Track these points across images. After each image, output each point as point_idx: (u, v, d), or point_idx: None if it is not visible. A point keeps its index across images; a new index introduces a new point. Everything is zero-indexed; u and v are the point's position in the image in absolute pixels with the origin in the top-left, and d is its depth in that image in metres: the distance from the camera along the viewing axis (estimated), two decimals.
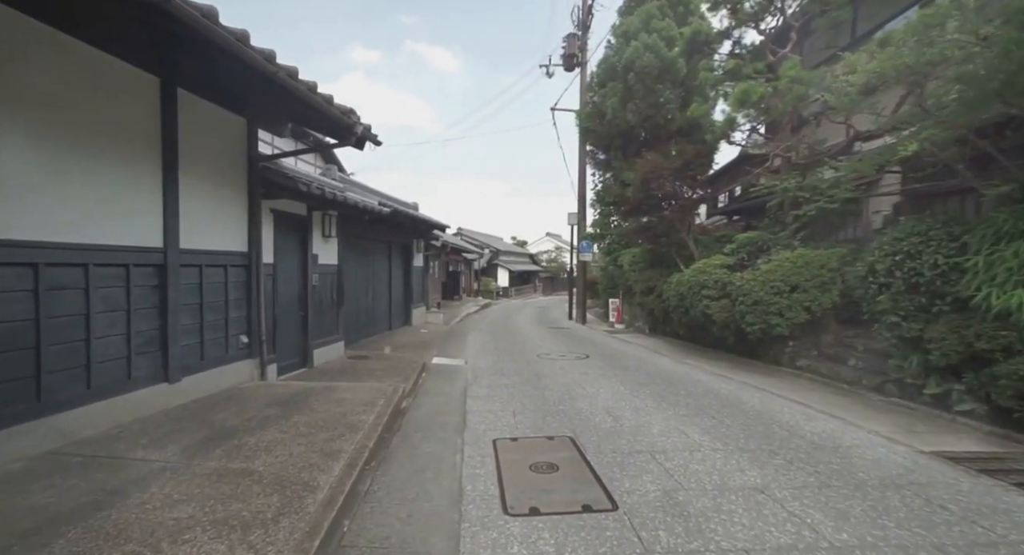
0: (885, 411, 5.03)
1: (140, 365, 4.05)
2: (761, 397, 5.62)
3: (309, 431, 3.88)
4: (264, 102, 5.21)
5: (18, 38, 3.15)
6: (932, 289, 4.67)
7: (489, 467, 3.53)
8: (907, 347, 5.01)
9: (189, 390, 4.55)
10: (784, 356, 7.58)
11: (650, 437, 4.20)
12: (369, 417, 4.31)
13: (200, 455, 3.30)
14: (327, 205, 6.90)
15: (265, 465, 3.18)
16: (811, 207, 7.70)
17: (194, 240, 4.66)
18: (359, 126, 5.31)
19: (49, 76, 3.34)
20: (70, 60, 3.49)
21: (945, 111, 4.34)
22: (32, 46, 3.24)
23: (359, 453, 3.46)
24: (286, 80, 4.01)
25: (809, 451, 3.84)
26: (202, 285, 4.80)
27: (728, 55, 9.27)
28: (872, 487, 3.16)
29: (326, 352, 7.34)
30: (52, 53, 3.36)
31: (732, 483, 3.24)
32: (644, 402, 5.39)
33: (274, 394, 4.99)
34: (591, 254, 16.92)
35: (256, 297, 5.54)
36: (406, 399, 5.47)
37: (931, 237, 4.72)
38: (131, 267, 3.94)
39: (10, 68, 3.10)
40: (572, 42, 17.25)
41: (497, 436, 4.22)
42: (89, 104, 3.63)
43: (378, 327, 10.85)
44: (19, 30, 3.15)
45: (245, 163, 5.47)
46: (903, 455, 3.74)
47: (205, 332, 4.84)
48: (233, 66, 3.80)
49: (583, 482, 3.28)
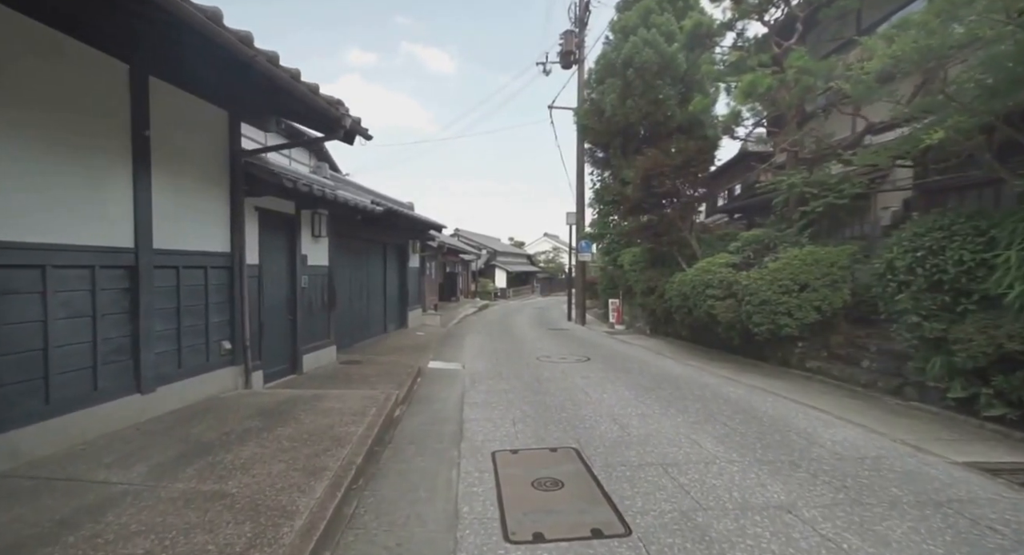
0: (906, 416, 4.76)
1: (108, 375, 3.73)
2: (773, 402, 5.34)
3: (292, 445, 3.58)
4: (246, 93, 4.90)
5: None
6: (957, 287, 4.40)
7: (488, 484, 3.23)
8: (929, 348, 4.74)
9: (165, 401, 4.23)
10: (793, 357, 7.31)
11: (660, 447, 3.91)
12: (359, 429, 4.01)
13: (169, 475, 2.99)
14: (316, 203, 6.59)
15: (240, 486, 2.87)
16: (819, 203, 7.44)
17: (170, 240, 4.35)
18: (347, 118, 5.01)
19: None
20: (25, 42, 3.18)
21: (971, 97, 4.08)
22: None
23: (345, 470, 3.16)
24: (265, 65, 3.71)
25: (833, 462, 3.56)
26: (179, 288, 4.49)
27: (731, 48, 9.00)
28: (909, 505, 2.88)
29: (317, 357, 7.02)
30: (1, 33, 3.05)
31: (755, 501, 2.95)
32: (651, 408, 5.11)
33: (258, 404, 4.67)
34: (590, 254, 16.64)
35: (240, 300, 5.23)
36: (400, 407, 5.16)
37: (955, 232, 4.44)
38: (97, 269, 3.62)
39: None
40: (569, 39, 16.97)
41: (496, 448, 3.93)
42: (47, 90, 3.32)
43: (372, 330, 10.54)
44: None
45: (227, 158, 5.16)
46: (936, 467, 3.46)
47: (183, 338, 4.52)
48: (207, 50, 3.50)
49: (591, 501, 2.98)
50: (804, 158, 7.78)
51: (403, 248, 12.57)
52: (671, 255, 10.67)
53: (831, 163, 7.88)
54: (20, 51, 3.16)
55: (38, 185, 3.25)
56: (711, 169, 12.41)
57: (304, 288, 6.77)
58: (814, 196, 7.52)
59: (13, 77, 3.11)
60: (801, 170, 7.68)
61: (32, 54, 3.23)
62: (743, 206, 13.07)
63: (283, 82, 3.97)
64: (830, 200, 7.31)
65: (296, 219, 6.56)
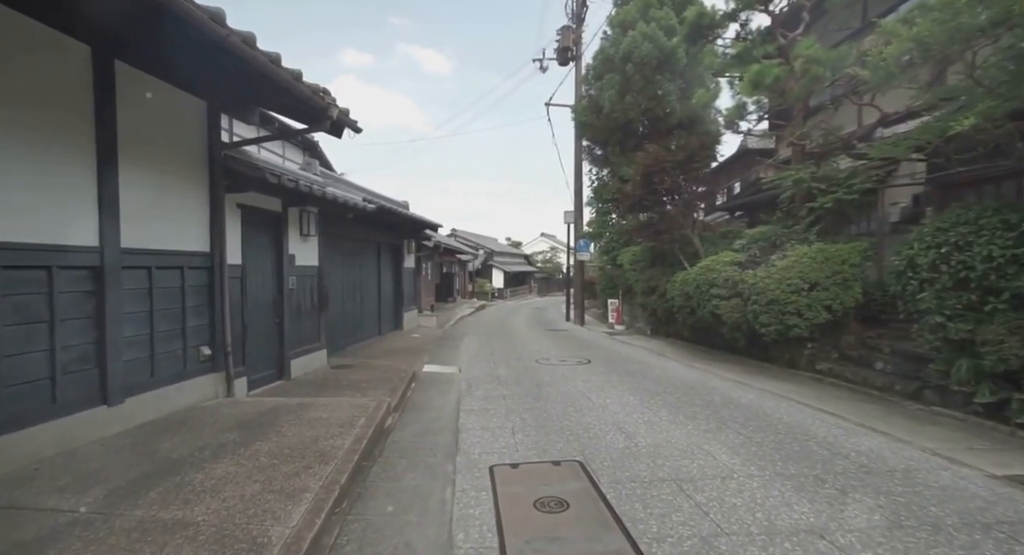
0: (930, 423, 4.48)
1: (69, 386, 3.40)
2: (787, 407, 5.06)
3: (271, 462, 3.26)
4: (225, 81, 4.57)
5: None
6: (985, 285, 4.12)
7: (486, 505, 2.93)
8: (953, 350, 4.46)
9: (135, 413, 3.91)
10: (801, 359, 7.04)
11: (672, 460, 3.61)
12: (345, 442, 3.70)
13: (128, 500, 2.67)
14: (304, 200, 6.27)
15: (207, 513, 2.55)
16: (827, 199, 7.16)
17: (141, 238, 4.03)
18: (334, 108, 4.68)
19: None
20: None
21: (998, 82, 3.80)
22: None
23: (327, 491, 2.85)
24: (239, 46, 3.39)
25: (861, 477, 3.27)
26: (152, 290, 4.16)
27: (733, 40, 8.72)
28: (954, 528, 2.59)
29: (306, 362, 6.70)
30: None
31: (782, 523, 2.66)
32: (658, 415, 4.82)
33: (238, 414, 4.35)
34: (588, 253, 16.35)
35: (220, 303, 4.91)
36: (392, 415, 4.85)
37: (982, 226, 4.17)
38: (55, 269, 3.30)
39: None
40: (566, 35, 16.68)
41: (495, 461, 3.62)
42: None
43: (366, 332, 10.21)
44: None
45: (205, 151, 4.83)
46: (974, 481, 3.18)
47: (156, 344, 4.20)
48: (176, 30, 3.17)
49: (600, 525, 2.68)
50: (811, 152, 7.50)
51: (398, 248, 12.25)
52: (672, 254, 10.39)
53: (838, 157, 7.62)
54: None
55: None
56: (713, 165, 12.15)
57: (292, 289, 6.44)
58: (822, 192, 7.25)
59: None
60: (808, 165, 7.40)
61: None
62: (744, 203, 12.79)
63: (260, 65, 3.64)
64: (839, 195, 7.03)
65: (283, 217, 6.24)
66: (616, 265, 13.97)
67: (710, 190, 13.63)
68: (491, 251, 33.92)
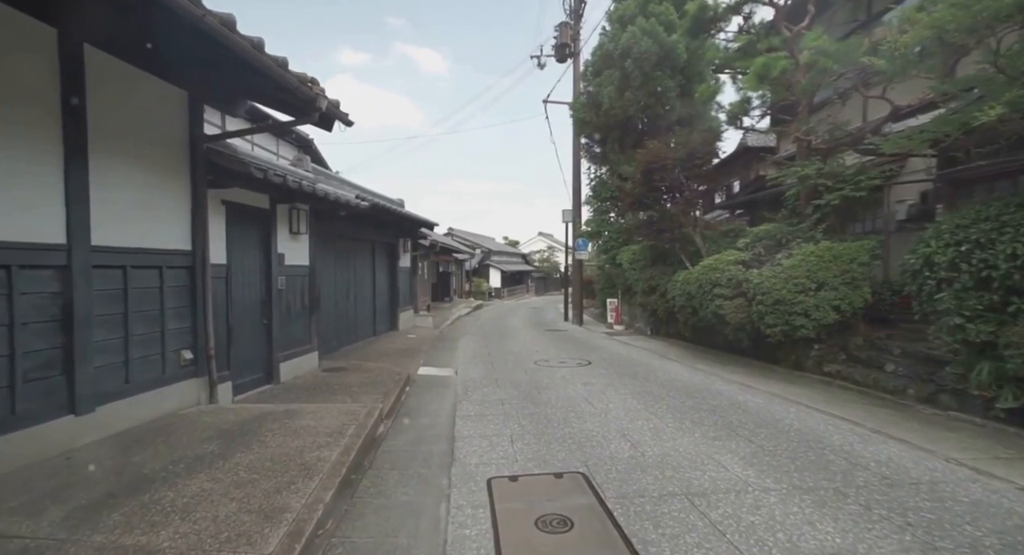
0: (949, 429, 4.28)
1: (31, 395, 3.15)
2: (797, 412, 4.85)
3: (251, 477, 3.02)
4: (208, 70, 4.32)
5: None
6: (1009, 284, 3.91)
7: (483, 524, 2.70)
8: (973, 353, 4.26)
9: (108, 422, 3.65)
10: (808, 360, 6.83)
11: (681, 472, 3.39)
12: (333, 453, 3.46)
13: (89, 523, 2.43)
14: (293, 196, 6.02)
15: (174, 538, 2.31)
16: (834, 196, 6.96)
17: (114, 236, 3.77)
18: (323, 99, 4.44)
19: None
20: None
21: None
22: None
23: (311, 511, 2.61)
24: (217, 28, 3.14)
25: (884, 490, 3.05)
26: (127, 291, 3.90)
27: (736, 33, 8.51)
28: (995, 550, 2.38)
29: (296, 365, 6.45)
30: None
31: (806, 546, 2.44)
32: (663, 421, 4.59)
33: (220, 423, 4.10)
34: (587, 252, 16.14)
35: (203, 304, 4.65)
36: (384, 422, 4.62)
37: (1005, 223, 3.96)
38: (14, 269, 3.04)
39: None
40: (564, 31, 16.45)
41: (493, 473, 3.39)
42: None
43: (360, 334, 9.95)
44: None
45: (187, 144, 4.58)
46: (1007, 495, 2.97)
47: (132, 349, 3.94)
48: (145, 10, 2.93)
49: (608, 548, 2.46)
50: (817, 148, 7.29)
51: (393, 247, 11.99)
52: (673, 252, 10.18)
53: (844, 154, 7.41)
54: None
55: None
56: (714, 162, 11.94)
57: (281, 290, 6.19)
58: (828, 188, 7.05)
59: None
60: (815, 161, 7.19)
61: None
62: (746, 201, 12.59)
63: (241, 50, 3.40)
64: (846, 192, 6.83)
65: (271, 214, 5.99)
66: (615, 264, 13.76)
67: (713, 187, 13.44)
68: (488, 250, 33.68)
